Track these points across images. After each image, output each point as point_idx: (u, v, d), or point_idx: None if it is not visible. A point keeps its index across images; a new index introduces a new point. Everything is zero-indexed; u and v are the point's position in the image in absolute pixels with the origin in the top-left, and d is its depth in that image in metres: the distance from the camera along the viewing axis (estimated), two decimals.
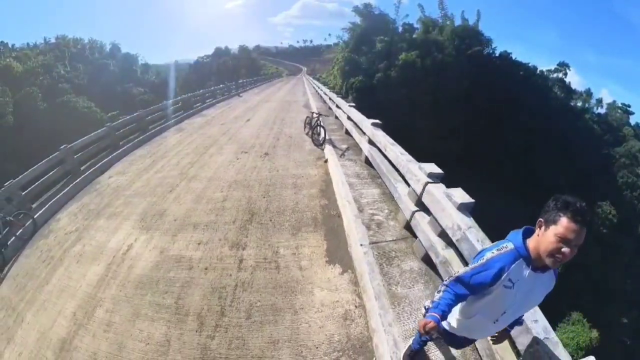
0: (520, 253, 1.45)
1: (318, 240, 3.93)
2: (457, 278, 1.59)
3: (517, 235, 1.52)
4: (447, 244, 2.90)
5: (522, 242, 1.46)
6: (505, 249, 1.49)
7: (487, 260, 1.50)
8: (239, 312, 3.08)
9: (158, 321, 3.13)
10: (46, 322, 3.50)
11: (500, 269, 1.44)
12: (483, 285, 1.49)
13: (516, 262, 1.44)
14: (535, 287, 1.50)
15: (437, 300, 1.61)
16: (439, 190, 2.92)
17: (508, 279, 1.44)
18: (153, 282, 3.64)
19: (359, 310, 3.03)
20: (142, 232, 4.65)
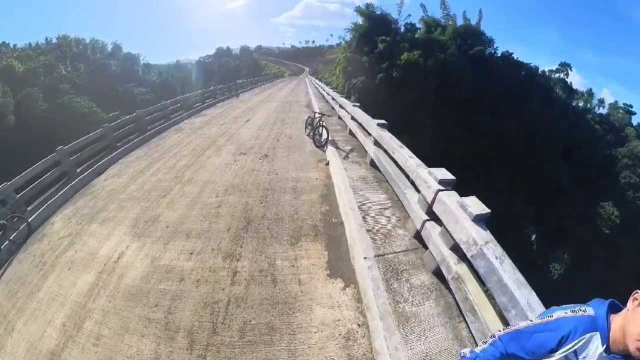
0: (599, 325, 1.18)
1: (318, 251, 3.66)
2: (515, 333, 1.31)
3: (601, 304, 1.26)
4: (460, 258, 2.64)
5: (606, 314, 1.20)
6: (581, 312, 1.23)
7: (556, 318, 1.24)
8: (231, 330, 2.83)
9: (147, 337, 2.92)
10: (36, 332, 3.38)
11: (569, 332, 1.18)
12: (543, 348, 1.22)
13: (590, 334, 1.17)
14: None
15: (479, 352, 1.35)
16: (452, 199, 2.65)
17: (574, 351, 1.17)
18: (143, 293, 3.42)
19: (362, 329, 2.77)
20: (134, 239, 4.42)
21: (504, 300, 2.00)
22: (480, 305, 2.33)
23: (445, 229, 2.73)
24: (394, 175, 4.38)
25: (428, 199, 2.98)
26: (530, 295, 1.90)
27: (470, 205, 2.41)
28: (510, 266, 2.05)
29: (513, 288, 1.94)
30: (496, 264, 2.06)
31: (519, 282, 1.96)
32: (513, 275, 2.00)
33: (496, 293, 2.07)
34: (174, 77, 56.30)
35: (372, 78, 32.65)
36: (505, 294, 1.98)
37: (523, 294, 1.91)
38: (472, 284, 2.44)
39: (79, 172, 8.24)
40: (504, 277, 1.99)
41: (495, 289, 2.06)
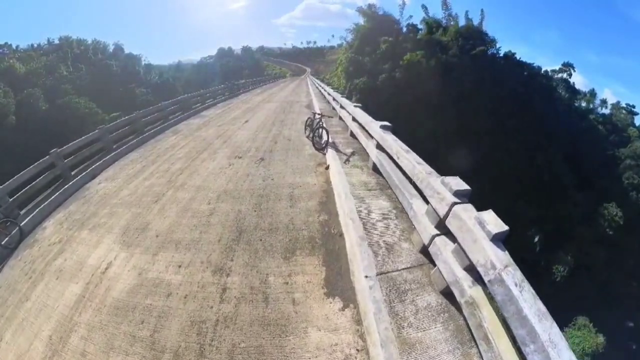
0: None
1: (315, 267, 3.38)
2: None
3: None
4: (475, 280, 2.36)
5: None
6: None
7: None
8: (220, 353, 2.58)
9: (132, 355, 2.74)
10: (23, 345, 3.32)
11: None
12: None
13: None
14: None
15: None
16: (470, 214, 2.35)
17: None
18: (129, 308, 3.22)
19: (361, 355, 2.50)
20: (122, 248, 4.21)
21: (522, 333, 1.74)
22: (495, 336, 2.06)
23: (459, 247, 2.45)
24: (397, 182, 4.10)
25: (440, 212, 2.69)
26: (552, 329, 1.64)
27: (489, 223, 2.13)
28: (530, 294, 1.79)
29: (534, 321, 1.69)
30: (515, 292, 1.79)
31: (540, 313, 1.70)
32: (534, 306, 1.74)
33: (514, 325, 1.81)
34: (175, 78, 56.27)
35: (374, 78, 32.48)
36: (524, 327, 1.72)
37: (544, 327, 1.65)
38: (488, 310, 2.16)
39: (73, 175, 8.07)
40: (524, 308, 1.73)
41: (513, 320, 1.80)
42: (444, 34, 36.38)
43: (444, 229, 2.75)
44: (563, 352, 1.57)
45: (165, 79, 52.09)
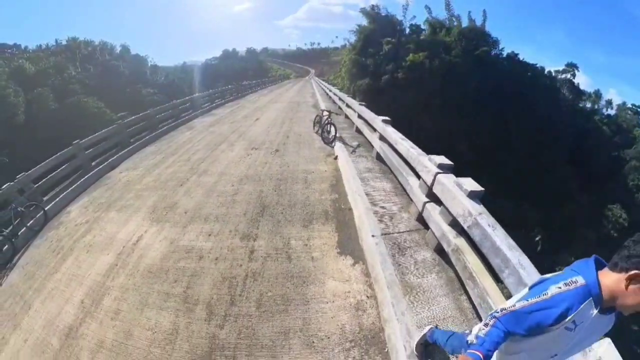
0: (593, 293, 1.23)
1: (329, 233, 3.92)
2: (513, 314, 1.33)
3: (589, 268, 1.29)
4: (458, 233, 2.88)
5: (596, 280, 1.24)
6: (574, 284, 1.25)
7: (551, 296, 1.26)
8: (249, 301, 3.07)
9: (166, 310, 3.13)
10: (53, 310, 3.53)
11: (567, 309, 1.22)
12: (542, 325, 1.26)
13: (586, 302, 1.23)
14: (597, 329, 1.32)
15: (483, 336, 1.35)
16: (450, 179, 2.93)
17: (572, 320, 1.23)
18: (162, 271, 3.65)
19: (370, 301, 3.00)
20: (152, 223, 4.70)
21: (497, 261, 2.22)
22: (478, 274, 2.55)
23: (444, 207, 2.98)
24: (397, 165, 4.65)
25: (428, 181, 3.25)
26: (521, 257, 2.12)
27: (466, 184, 2.65)
28: (501, 232, 2.29)
29: (505, 250, 2.17)
30: (489, 231, 2.29)
31: (510, 245, 2.19)
32: (505, 240, 2.23)
33: (490, 256, 2.30)
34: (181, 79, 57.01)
35: (377, 79, 32.75)
36: (498, 256, 2.21)
37: (514, 254, 2.13)
38: (471, 255, 2.66)
39: (93, 166, 8.56)
40: (497, 241, 2.23)
41: (490, 252, 2.30)
42: (447, 35, 36.72)
43: (433, 197, 3.30)
44: (531, 273, 2.02)
45: (172, 79, 52.89)
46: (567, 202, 34.85)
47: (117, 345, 2.86)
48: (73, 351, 2.94)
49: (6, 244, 5.30)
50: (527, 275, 2.00)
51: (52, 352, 3.02)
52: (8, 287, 4.42)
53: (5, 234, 5.36)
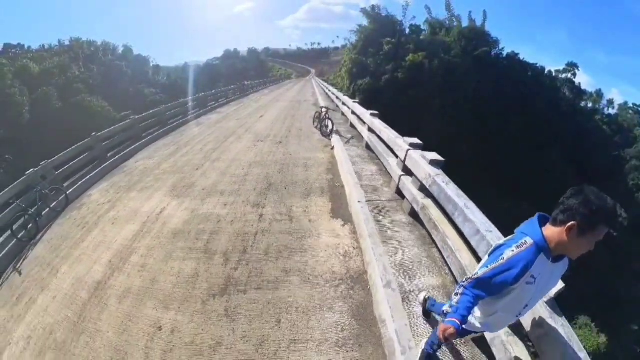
0: (541, 247, 1.40)
1: (324, 202, 4.76)
2: (477, 280, 1.51)
3: (534, 227, 1.46)
4: (426, 196, 3.67)
5: (542, 236, 1.41)
6: (525, 245, 1.42)
7: (507, 259, 1.42)
8: (258, 250, 3.83)
9: (189, 260, 3.72)
10: (82, 270, 3.91)
11: (524, 267, 1.38)
12: (505, 285, 1.43)
13: (538, 257, 1.40)
14: (554, 274, 1.51)
15: (456, 305, 1.53)
16: (417, 153, 3.76)
17: (531, 275, 1.40)
18: (185, 232, 4.32)
19: (356, 251, 3.77)
20: (174, 198, 5.46)
21: (450, 207, 2.99)
22: (440, 223, 3.32)
23: (415, 177, 3.79)
24: (382, 151, 5.55)
25: (401, 157, 4.11)
26: (467, 201, 2.86)
27: (428, 155, 3.50)
28: (453, 186, 3.08)
29: (455, 198, 2.92)
30: (443, 186, 3.08)
31: (459, 194, 2.96)
32: (455, 190, 3.01)
33: (446, 206, 3.07)
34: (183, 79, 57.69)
35: (378, 79, 33.27)
36: (450, 203, 2.97)
37: (461, 200, 2.88)
38: (434, 210, 3.46)
39: (109, 157, 9.14)
40: (449, 192, 3.00)
41: (445, 202, 3.08)
42: (447, 35, 37.28)
43: (406, 170, 4.13)
44: (475, 212, 2.71)
45: (174, 79, 53.66)
46: None
47: (144, 289, 3.39)
48: (102, 299, 3.40)
49: (30, 223, 5.65)
50: (472, 213, 2.69)
51: (80, 302, 3.44)
52: (34, 259, 4.82)
53: (30, 213, 5.72)
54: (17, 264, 4.90)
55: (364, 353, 2.56)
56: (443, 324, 1.50)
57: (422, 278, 3.13)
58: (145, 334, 2.89)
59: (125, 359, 2.69)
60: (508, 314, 1.61)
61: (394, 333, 2.50)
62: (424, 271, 3.23)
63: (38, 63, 31.27)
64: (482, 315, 1.70)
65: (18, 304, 3.90)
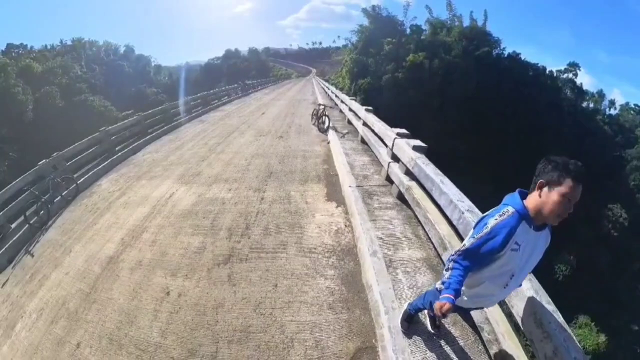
0: (522, 214, 1.49)
1: (320, 188, 5.20)
2: (465, 251, 1.58)
3: (514, 198, 1.58)
4: (411, 179, 4.07)
5: (522, 205, 1.52)
6: (507, 213, 1.51)
7: (491, 227, 1.51)
8: (259, 227, 4.24)
9: (196, 235, 4.11)
10: (94, 248, 4.17)
11: (508, 234, 1.46)
12: (492, 252, 1.51)
13: (520, 224, 1.48)
14: (537, 244, 1.57)
15: (447, 280, 1.58)
16: (402, 141, 4.20)
17: (515, 241, 1.47)
18: (193, 213, 4.72)
19: (348, 228, 4.16)
20: (181, 185, 5.88)
21: (429, 185, 3.38)
22: (421, 200, 3.70)
23: (401, 162, 4.19)
24: (374, 142, 6.01)
25: (389, 145, 4.55)
26: (443, 178, 3.24)
27: (412, 142, 3.92)
28: (432, 166, 3.48)
29: (432, 176, 3.30)
30: (423, 167, 3.48)
31: (436, 173, 3.35)
32: (434, 170, 3.41)
33: (425, 183, 3.47)
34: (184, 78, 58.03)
35: (378, 79, 33.50)
36: (428, 180, 3.37)
37: (438, 177, 3.25)
38: (417, 190, 3.85)
39: (117, 150, 9.49)
40: (428, 172, 3.39)
41: (425, 181, 3.47)
42: (448, 35, 37.46)
43: (394, 157, 4.55)
44: (449, 186, 3.07)
45: (175, 79, 54.10)
46: None
47: (154, 261, 3.72)
48: (114, 272, 3.68)
49: (43, 209, 5.83)
50: (446, 187, 3.04)
51: (93, 276, 3.70)
52: (46, 241, 5.05)
53: (43, 200, 5.90)
54: (29, 247, 5.13)
55: (352, 314, 2.87)
56: (438, 302, 1.53)
57: (406, 250, 3.46)
58: (154, 299, 3.19)
59: (134, 321, 2.95)
60: (495, 284, 1.64)
61: (379, 295, 2.83)
62: (409, 245, 3.56)
63: (41, 63, 31.56)
64: (470, 287, 1.73)
65: (31, 281, 4.13)
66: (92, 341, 2.86)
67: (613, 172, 41.06)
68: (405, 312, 2.42)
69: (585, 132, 43.37)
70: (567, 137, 39.74)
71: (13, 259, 5.01)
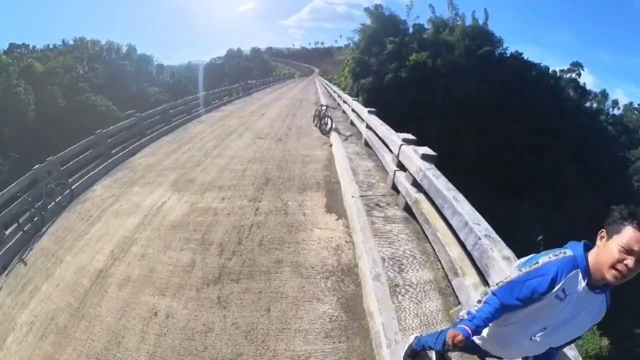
0: (579, 263, 1.31)
1: (319, 197, 4.86)
2: (509, 284, 1.41)
3: (577, 245, 1.39)
4: (418, 190, 3.73)
5: (583, 252, 1.33)
6: (563, 255, 1.35)
7: (542, 264, 1.36)
8: (252, 242, 3.92)
9: (186, 250, 3.87)
10: (85, 260, 4.05)
11: (557, 274, 1.30)
12: (536, 292, 1.33)
13: (573, 272, 1.30)
14: (585, 309, 1.34)
15: (474, 312, 1.44)
16: (410, 148, 3.84)
17: (562, 289, 1.30)
18: (184, 224, 4.47)
19: (348, 244, 3.83)
20: (174, 193, 5.60)
21: (440, 201, 3.05)
22: (431, 217, 3.37)
23: (408, 172, 3.86)
24: (378, 147, 5.65)
25: (395, 152, 4.21)
26: (456, 193, 2.91)
27: (420, 150, 3.56)
28: (443, 180, 3.14)
29: (444, 191, 2.98)
30: (434, 180, 3.14)
31: (448, 188, 3.02)
32: (445, 184, 3.07)
33: (436, 199, 3.14)
34: (187, 78, 57.99)
35: (381, 79, 33.24)
36: (439, 196, 3.04)
37: (450, 193, 2.93)
38: (425, 204, 3.51)
39: (113, 153, 9.27)
40: (438, 186, 3.06)
41: (435, 195, 3.14)
42: (451, 34, 37.17)
43: (400, 165, 4.20)
44: (464, 204, 2.76)
45: (177, 79, 53.99)
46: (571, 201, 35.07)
47: (142, 278, 3.52)
48: (102, 286, 3.52)
49: (36, 216, 5.76)
50: (459, 205, 2.73)
51: (82, 289, 3.56)
52: (39, 250, 4.95)
53: (36, 206, 5.82)
54: (22, 254, 5.06)
55: (351, 344, 2.60)
56: (452, 330, 1.41)
57: (413, 272, 3.16)
58: (142, 319, 3.00)
59: (122, 342, 2.79)
60: (522, 330, 1.43)
61: (381, 325, 2.54)
62: (415, 265, 3.26)
63: (43, 62, 31.58)
64: (493, 325, 1.51)
65: (23, 292, 4.04)
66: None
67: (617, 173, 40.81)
68: (410, 347, 2.18)
69: (588, 133, 43.10)
70: (570, 138, 39.47)
71: (7, 267, 4.96)
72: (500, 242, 2.21)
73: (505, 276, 1.47)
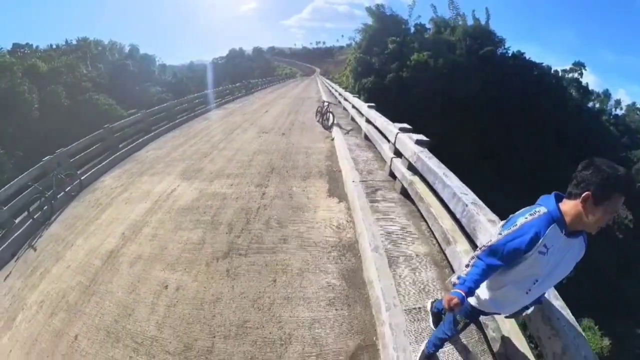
0: (555, 217, 1.39)
1: (322, 184, 5.13)
2: (490, 247, 1.49)
3: (549, 200, 1.47)
4: (413, 173, 3.99)
5: (556, 207, 1.41)
6: (538, 213, 1.43)
7: (520, 225, 1.43)
8: (260, 222, 4.18)
9: (196, 230, 4.08)
10: (95, 242, 4.18)
11: (536, 233, 1.38)
12: (518, 252, 1.42)
13: (551, 227, 1.39)
14: (567, 254, 1.45)
15: (464, 276, 1.53)
16: (405, 135, 4.12)
17: (543, 244, 1.38)
18: (194, 208, 4.69)
19: (349, 224, 4.08)
20: (183, 180, 5.85)
21: (432, 178, 3.30)
22: (424, 195, 3.64)
23: (404, 157, 4.12)
24: (377, 138, 5.97)
25: (392, 140, 4.50)
26: (446, 171, 3.17)
27: (415, 136, 3.84)
28: (435, 160, 3.40)
29: (435, 169, 3.24)
30: (426, 160, 3.40)
31: (439, 166, 3.29)
32: (437, 163, 3.34)
33: (428, 177, 3.40)
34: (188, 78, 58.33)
35: (382, 78, 33.37)
36: (431, 174, 3.30)
37: (441, 170, 3.19)
38: (420, 184, 3.78)
39: (120, 147, 9.50)
40: (431, 165, 3.32)
41: (427, 174, 3.40)
42: (452, 34, 37.29)
43: (397, 153, 4.47)
44: (452, 179, 3.01)
45: (180, 78, 54.32)
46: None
47: (154, 255, 3.70)
48: (114, 265, 3.68)
49: (46, 205, 5.86)
50: (449, 180, 2.97)
51: (93, 269, 3.69)
52: (49, 236, 5.07)
53: (47, 195, 5.94)
54: (32, 241, 5.14)
55: (353, 311, 2.80)
56: (447, 295, 1.50)
57: (409, 245, 3.38)
58: (152, 292, 3.16)
59: (132, 314, 2.93)
60: (517, 288, 1.53)
61: (380, 291, 2.75)
62: (411, 239, 3.48)
63: (46, 62, 31.76)
64: (490, 289, 1.63)
65: (32, 275, 4.13)
66: (90, 333, 2.84)
67: None
68: (423, 354, 2.13)
69: (590, 133, 43.02)
70: (572, 138, 39.44)
71: (16, 253, 5.02)
72: (485, 208, 2.44)
73: (489, 238, 1.57)
